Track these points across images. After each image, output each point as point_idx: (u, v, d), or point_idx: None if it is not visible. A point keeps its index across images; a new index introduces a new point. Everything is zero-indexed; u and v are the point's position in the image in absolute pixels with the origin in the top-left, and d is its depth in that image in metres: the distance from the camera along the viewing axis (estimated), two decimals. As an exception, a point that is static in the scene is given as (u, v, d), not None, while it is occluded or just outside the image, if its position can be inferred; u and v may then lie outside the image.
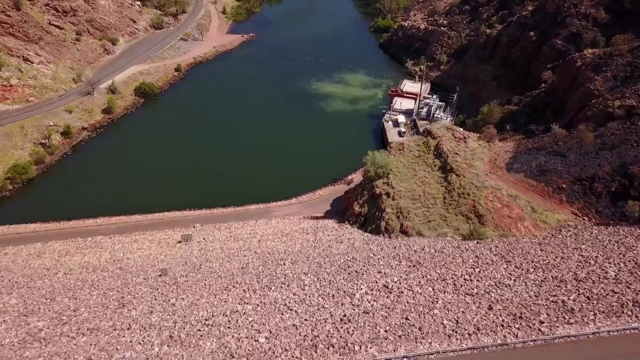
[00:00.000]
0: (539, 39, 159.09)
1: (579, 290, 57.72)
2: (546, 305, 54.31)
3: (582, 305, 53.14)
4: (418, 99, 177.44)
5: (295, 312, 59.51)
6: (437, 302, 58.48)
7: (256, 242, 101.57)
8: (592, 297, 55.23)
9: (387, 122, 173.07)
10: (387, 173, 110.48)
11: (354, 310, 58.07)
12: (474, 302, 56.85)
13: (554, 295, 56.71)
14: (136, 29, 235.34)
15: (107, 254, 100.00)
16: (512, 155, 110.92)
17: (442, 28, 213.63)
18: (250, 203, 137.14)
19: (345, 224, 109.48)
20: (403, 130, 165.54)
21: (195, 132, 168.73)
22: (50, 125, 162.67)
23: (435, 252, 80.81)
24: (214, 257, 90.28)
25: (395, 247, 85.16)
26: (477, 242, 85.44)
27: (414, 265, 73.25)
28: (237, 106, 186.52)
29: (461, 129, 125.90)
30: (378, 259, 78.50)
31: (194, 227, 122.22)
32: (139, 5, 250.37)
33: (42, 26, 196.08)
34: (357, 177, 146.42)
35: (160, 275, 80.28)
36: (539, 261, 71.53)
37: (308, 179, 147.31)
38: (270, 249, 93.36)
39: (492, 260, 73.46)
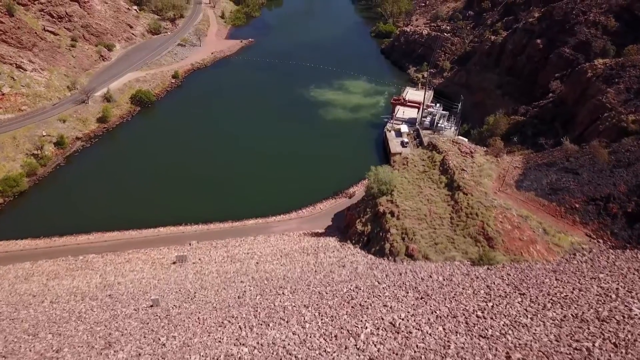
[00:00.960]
0: (546, 46, 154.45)
1: (603, 334, 53.00)
2: (569, 354, 49.56)
3: (610, 356, 48.40)
4: (421, 108, 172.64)
5: (295, 357, 54.75)
6: (449, 346, 53.77)
7: (254, 264, 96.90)
8: (619, 343, 50.52)
9: (390, 131, 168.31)
10: (391, 190, 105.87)
11: (359, 356, 53.32)
12: (489, 348, 52.15)
13: (577, 341, 51.97)
14: (133, 34, 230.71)
15: (98, 277, 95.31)
16: (522, 171, 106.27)
17: (445, 34, 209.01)
18: (248, 217, 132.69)
19: (348, 244, 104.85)
20: (406, 140, 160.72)
21: (192, 142, 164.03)
22: (43, 136, 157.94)
23: (444, 280, 76.13)
24: (209, 283, 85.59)
25: (401, 274, 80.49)
26: (488, 268, 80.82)
27: (422, 298, 68.55)
28: (235, 115, 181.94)
29: (468, 143, 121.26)
30: (383, 288, 73.82)
31: (190, 244, 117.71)
32: (135, 10, 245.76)
33: (36, 32, 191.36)
34: (359, 190, 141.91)
35: (151, 306, 75.60)
36: (556, 294, 66.82)
37: (308, 191, 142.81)
38: (269, 274, 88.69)
39: (505, 292, 68.74)
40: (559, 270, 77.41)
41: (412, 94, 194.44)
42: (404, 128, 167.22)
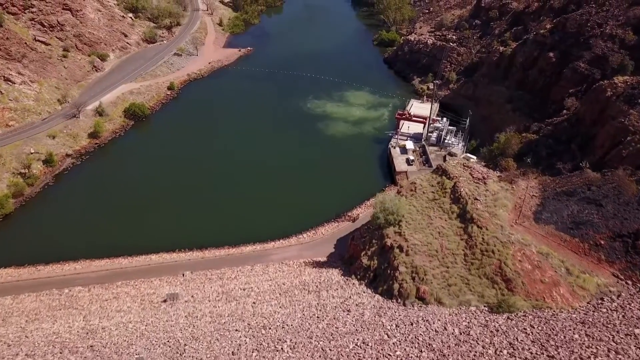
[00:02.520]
0: (559, 60, 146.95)
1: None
2: None
3: None
4: (427, 123, 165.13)
5: None
6: None
7: (250, 304, 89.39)
8: None
9: (394, 148, 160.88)
10: (398, 220, 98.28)
11: None
12: None
13: None
14: (127, 43, 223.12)
15: (81, 319, 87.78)
16: (540, 201, 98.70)
17: (451, 44, 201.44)
18: (245, 242, 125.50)
19: (352, 279, 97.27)
20: (412, 158, 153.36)
21: (186, 160, 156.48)
22: (31, 153, 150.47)
23: (461, 334, 68.52)
24: (201, 331, 78.01)
25: (412, 324, 72.89)
26: (508, 317, 73.23)
27: (437, 360, 61.00)
28: (232, 129, 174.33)
29: (479, 166, 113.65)
30: (394, 344, 66.30)
31: (183, 275, 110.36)
32: (131, 17, 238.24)
33: (26, 42, 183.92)
34: (363, 213, 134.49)
35: (135, 366, 68.24)
36: (589, 357, 59.19)
37: (309, 213, 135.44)
38: (267, 319, 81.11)
39: (531, 354, 61.15)
40: (587, 321, 69.86)
41: (417, 107, 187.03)
42: (410, 145, 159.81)
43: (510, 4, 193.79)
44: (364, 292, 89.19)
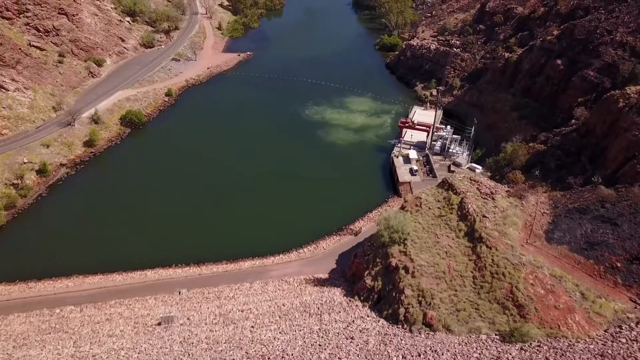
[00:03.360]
0: (567, 68, 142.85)
1: None
2: None
3: None
4: (431, 131, 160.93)
5: None
6: None
7: (249, 328, 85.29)
8: None
9: (397, 157, 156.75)
10: (403, 239, 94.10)
11: None
12: None
13: None
14: (125, 48, 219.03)
15: (71, 344, 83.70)
16: (551, 218, 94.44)
17: (455, 49, 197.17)
18: (243, 257, 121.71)
19: (355, 300, 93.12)
20: (415, 168, 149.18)
21: (183, 170, 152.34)
22: (24, 163, 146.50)
23: (472, 367, 64.28)
24: (196, 361, 73.81)
25: (420, 355, 68.77)
26: (522, 348, 69.03)
27: (449, 401, 56.78)
28: (230, 138, 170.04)
29: (487, 180, 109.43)
30: (401, 380, 61.96)
31: (179, 293, 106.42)
32: (128, 21, 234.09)
33: (20, 48, 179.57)
34: (365, 226, 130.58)
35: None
36: (612, 398, 54.97)
37: (309, 226, 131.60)
38: (266, 347, 76.93)
39: (549, 393, 56.91)
40: (607, 353, 65.68)
41: (420, 114, 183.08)
42: (413, 154, 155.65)
43: (515, 9, 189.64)
44: (368, 316, 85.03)
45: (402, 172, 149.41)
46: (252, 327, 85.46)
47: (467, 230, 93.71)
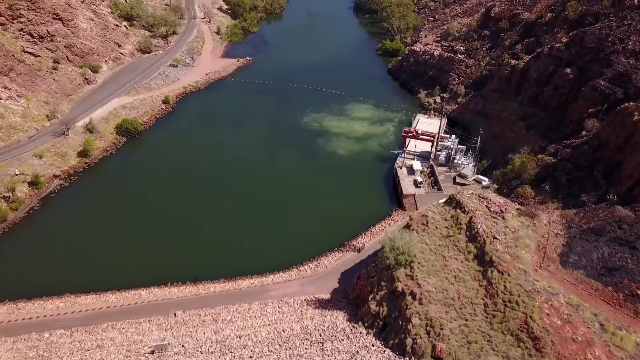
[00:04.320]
0: (577, 77, 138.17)
1: None
2: None
3: None
4: (436, 141, 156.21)
5: None
6: None
7: (247, 359, 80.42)
8: None
9: (401, 168, 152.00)
10: (410, 261, 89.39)
11: None
12: None
13: None
14: (121, 53, 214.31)
15: (59, 376, 78.78)
16: (565, 240, 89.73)
17: (459, 55, 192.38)
18: (242, 275, 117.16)
19: (359, 327, 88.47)
20: (420, 180, 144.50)
21: (180, 181, 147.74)
22: (16, 175, 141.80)
23: (487, 412, 59.47)
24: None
25: (430, 395, 63.84)
26: (539, 388, 64.23)
27: None
28: (228, 147, 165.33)
29: (497, 197, 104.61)
30: None
31: (175, 315, 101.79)
32: (125, 26, 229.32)
33: (13, 55, 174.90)
34: (368, 242, 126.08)
35: None
36: None
37: (310, 241, 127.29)
38: (265, 382, 72.14)
39: None
40: (631, 395, 60.82)
41: (424, 122, 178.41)
42: (417, 165, 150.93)
43: (521, 15, 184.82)
44: (373, 346, 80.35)
45: (406, 184, 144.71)
46: (250, 357, 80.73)
47: (476, 253, 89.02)
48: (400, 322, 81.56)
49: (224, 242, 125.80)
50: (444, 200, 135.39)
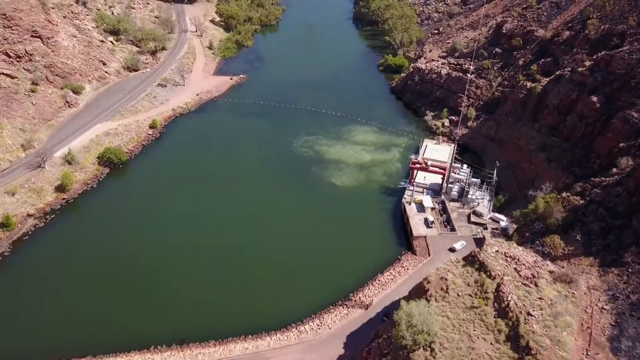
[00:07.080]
0: (605, 106, 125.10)
1: None
2: None
3: None
4: (447, 172, 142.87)
5: None
6: None
7: None
8: None
9: (409, 204, 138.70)
10: (430, 342, 75.71)
11: None
12: None
13: None
14: (106, 72, 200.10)
15: None
16: (613, 318, 76.35)
17: (469, 75, 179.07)
18: (234, 336, 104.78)
19: (371, 421, 74.71)
20: (431, 218, 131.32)
21: (166, 223, 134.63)
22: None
23: None
24: None
25: None
26: None
27: None
28: (220, 180, 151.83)
29: (526, 255, 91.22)
30: None
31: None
32: (111, 41, 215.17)
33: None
34: (377, 295, 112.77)
35: None
36: None
37: (310, 294, 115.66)
38: None
39: None
40: None
41: (432, 148, 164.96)
42: (427, 201, 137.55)
43: (535, 32, 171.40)
44: None
45: (416, 224, 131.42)
46: None
47: (509, 333, 75.26)
48: None
49: (214, 294, 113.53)
50: (459, 244, 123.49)
